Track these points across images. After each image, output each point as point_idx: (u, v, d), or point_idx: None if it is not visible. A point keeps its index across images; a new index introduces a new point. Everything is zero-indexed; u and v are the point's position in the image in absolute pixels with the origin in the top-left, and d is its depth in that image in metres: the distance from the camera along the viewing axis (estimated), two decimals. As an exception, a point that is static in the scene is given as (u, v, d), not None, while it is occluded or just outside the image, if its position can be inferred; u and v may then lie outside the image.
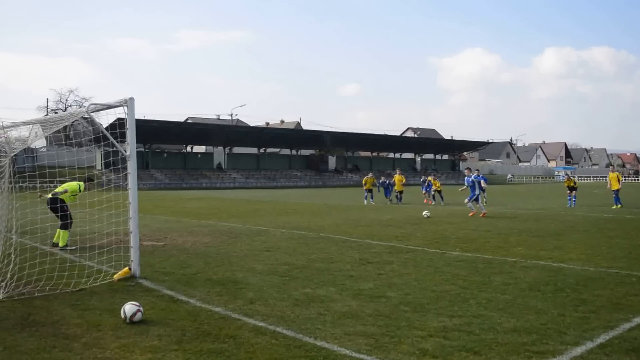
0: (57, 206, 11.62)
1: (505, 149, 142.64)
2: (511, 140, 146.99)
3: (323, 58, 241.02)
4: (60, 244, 11.91)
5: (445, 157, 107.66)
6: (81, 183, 12.35)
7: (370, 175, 31.23)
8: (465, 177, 21.20)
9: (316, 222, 18.32)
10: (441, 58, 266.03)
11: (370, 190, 29.79)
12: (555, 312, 6.53)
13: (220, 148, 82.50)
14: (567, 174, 37.43)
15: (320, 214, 22.47)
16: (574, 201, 26.92)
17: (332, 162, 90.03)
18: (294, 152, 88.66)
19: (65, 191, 12.06)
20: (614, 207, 24.71)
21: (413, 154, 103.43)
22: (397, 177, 30.63)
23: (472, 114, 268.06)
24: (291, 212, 23.26)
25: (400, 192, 30.53)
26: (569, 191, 27.50)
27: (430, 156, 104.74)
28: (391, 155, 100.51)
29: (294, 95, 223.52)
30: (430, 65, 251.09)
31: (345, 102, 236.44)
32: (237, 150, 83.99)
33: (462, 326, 5.98)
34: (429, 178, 31.08)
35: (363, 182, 31.23)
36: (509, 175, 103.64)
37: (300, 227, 16.72)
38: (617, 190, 25.43)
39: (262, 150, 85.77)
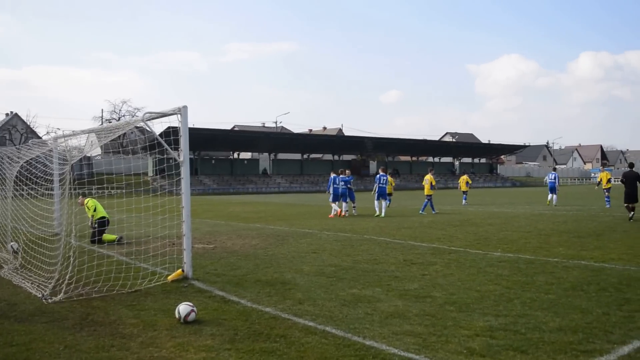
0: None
1: (542, 152, 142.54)
2: (547, 143, 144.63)
3: (364, 66, 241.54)
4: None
5: (483, 160, 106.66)
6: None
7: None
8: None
9: (360, 225, 18.34)
10: (479, 65, 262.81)
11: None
12: (599, 312, 6.48)
13: (266, 154, 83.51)
14: None
15: (362, 216, 22.40)
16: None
17: (373, 166, 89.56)
18: (336, 157, 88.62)
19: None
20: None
21: (452, 158, 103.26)
22: (428, 177, 24.49)
23: (509, 118, 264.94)
24: (335, 216, 23.24)
25: (428, 196, 23.89)
26: (606, 193, 26.81)
27: (469, 160, 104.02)
28: (430, 159, 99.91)
29: (336, 103, 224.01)
30: (469, 72, 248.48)
31: (386, 109, 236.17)
32: (281, 156, 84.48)
33: (507, 325, 5.98)
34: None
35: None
36: (546, 178, 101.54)
37: (345, 229, 16.78)
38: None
39: (305, 156, 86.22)
